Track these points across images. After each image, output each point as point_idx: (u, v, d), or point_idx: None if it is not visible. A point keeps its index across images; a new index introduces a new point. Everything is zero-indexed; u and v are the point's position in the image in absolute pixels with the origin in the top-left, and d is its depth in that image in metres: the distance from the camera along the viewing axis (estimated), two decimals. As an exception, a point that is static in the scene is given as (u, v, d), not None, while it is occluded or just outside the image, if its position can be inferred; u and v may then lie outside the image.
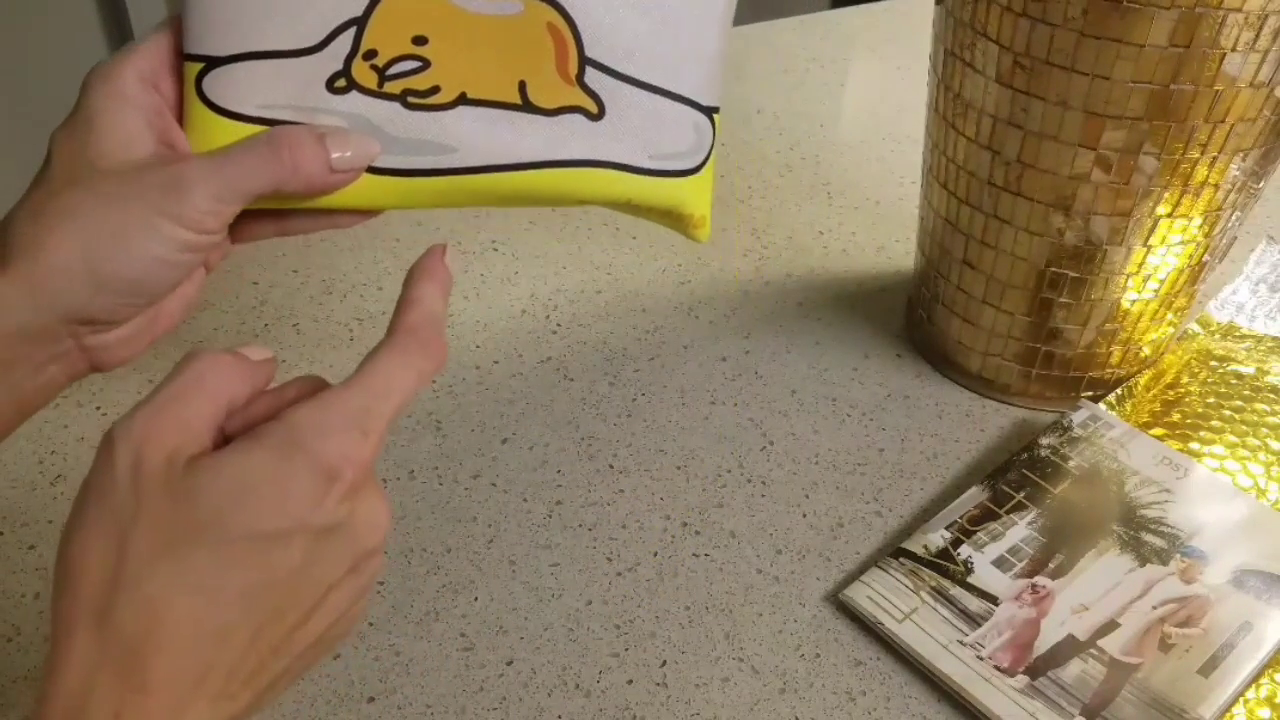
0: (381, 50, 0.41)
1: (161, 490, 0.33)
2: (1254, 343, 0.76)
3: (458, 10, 0.41)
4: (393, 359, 0.37)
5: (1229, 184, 0.60)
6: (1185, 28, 0.54)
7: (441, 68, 0.42)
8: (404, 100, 0.42)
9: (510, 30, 0.42)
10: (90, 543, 0.33)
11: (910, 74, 1.12)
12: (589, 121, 0.43)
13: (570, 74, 0.43)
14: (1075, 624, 0.56)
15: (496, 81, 0.42)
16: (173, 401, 0.35)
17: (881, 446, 0.68)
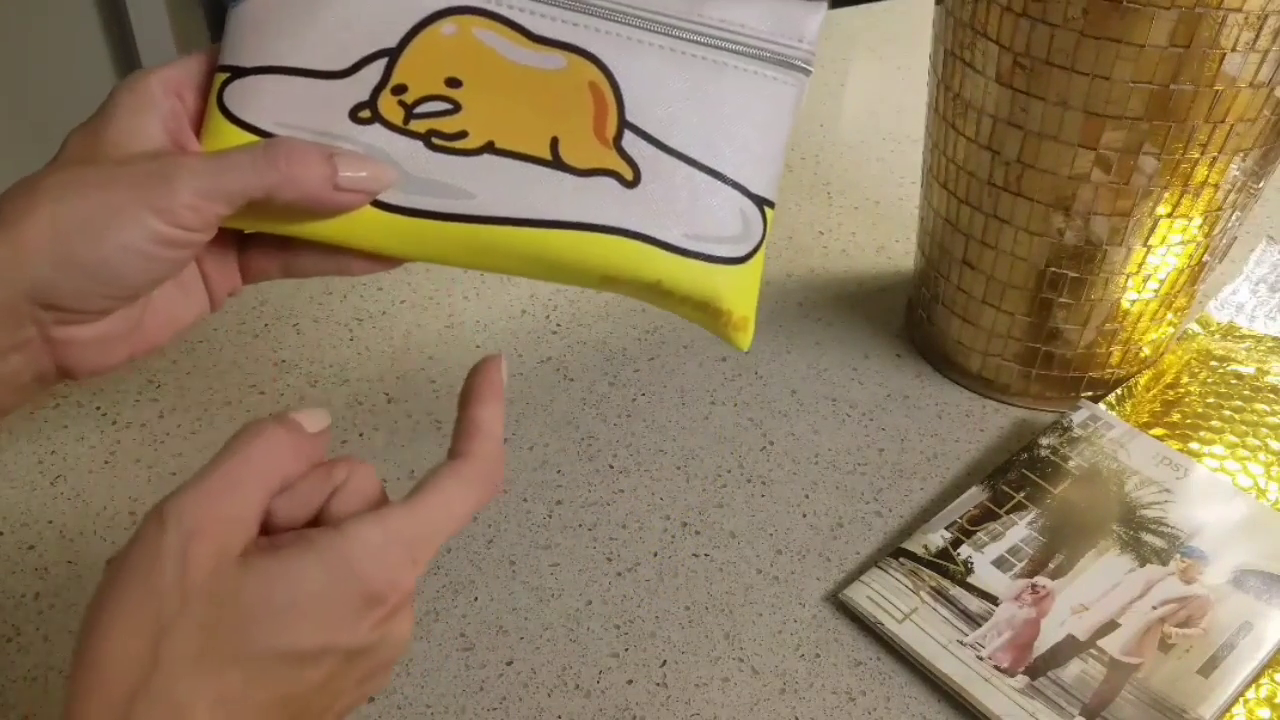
0: (412, 87, 0.40)
1: (206, 591, 0.32)
2: (1254, 343, 0.76)
3: (498, 57, 0.40)
4: (454, 487, 0.37)
5: (1229, 184, 0.60)
6: (1185, 28, 0.54)
7: (472, 113, 0.40)
8: (428, 140, 0.40)
9: (550, 85, 0.40)
10: (125, 632, 0.32)
11: (910, 74, 1.12)
12: (622, 187, 0.40)
13: (607, 136, 0.41)
14: (1075, 624, 0.56)
15: (528, 134, 0.40)
16: (228, 489, 0.34)
17: (881, 446, 0.68)
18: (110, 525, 0.61)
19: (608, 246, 0.40)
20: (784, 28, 0.43)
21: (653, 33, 0.42)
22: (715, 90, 0.42)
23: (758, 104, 0.42)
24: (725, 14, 0.42)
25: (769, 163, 0.43)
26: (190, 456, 0.66)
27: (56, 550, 0.60)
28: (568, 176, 0.40)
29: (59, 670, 0.54)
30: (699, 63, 0.42)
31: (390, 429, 0.68)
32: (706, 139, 0.42)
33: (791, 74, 0.43)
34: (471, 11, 0.40)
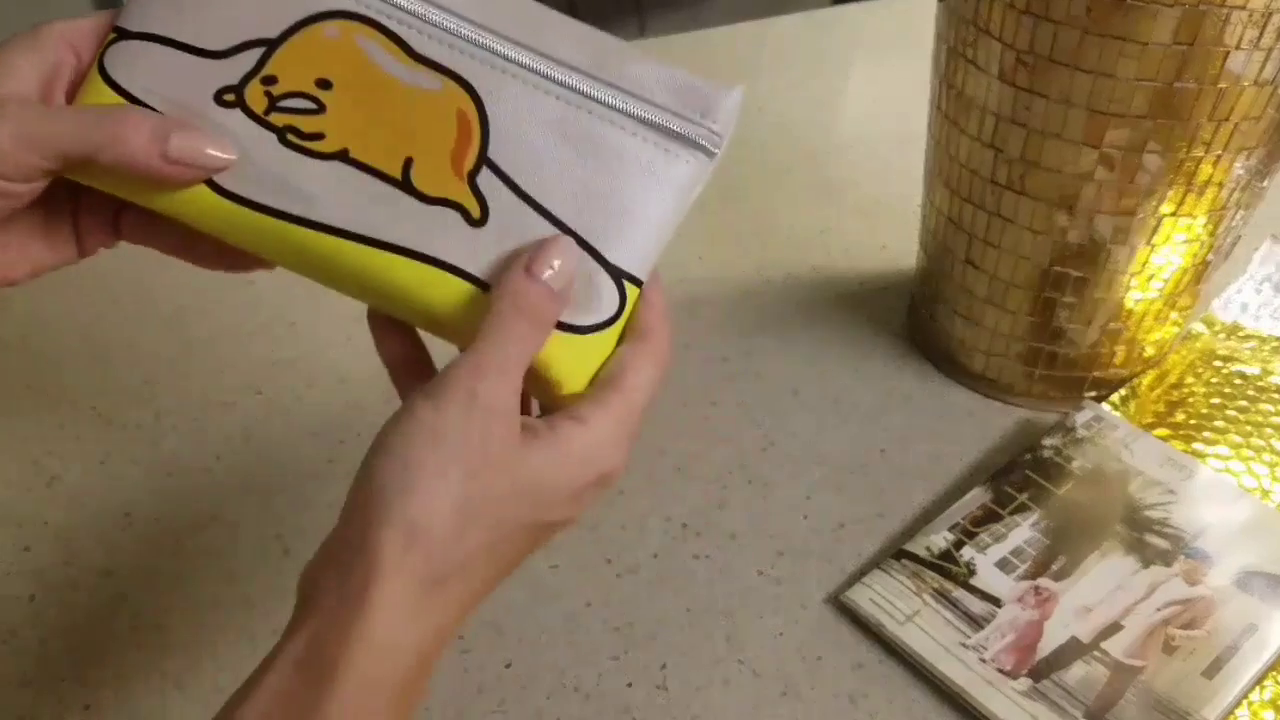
0: (282, 80, 0.39)
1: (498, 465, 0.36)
2: (1258, 343, 0.75)
3: (375, 67, 0.39)
4: (646, 367, 0.40)
5: (1233, 183, 0.60)
6: (1189, 25, 0.53)
7: (334, 118, 0.39)
8: (282, 134, 0.39)
9: (420, 105, 0.39)
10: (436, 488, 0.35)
11: (913, 72, 1.12)
12: (466, 224, 0.39)
13: (463, 168, 0.39)
14: (1078, 626, 0.56)
15: (384, 149, 0.39)
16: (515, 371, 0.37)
17: (883, 447, 0.68)
18: (106, 526, 0.61)
19: (439, 283, 0.39)
20: (688, 101, 0.40)
21: (540, 75, 0.40)
22: (593, 146, 0.40)
23: (640, 173, 0.40)
24: (628, 74, 0.40)
25: (642, 237, 0.40)
26: (186, 457, 0.65)
27: (52, 552, 0.60)
28: (412, 201, 0.39)
29: (54, 672, 0.54)
30: (582, 115, 0.40)
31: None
32: (570, 195, 0.39)
33: (690, 152, 0.40)
34: (359, 19, 0.40)
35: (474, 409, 0.36)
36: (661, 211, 0.40)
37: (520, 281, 0.38)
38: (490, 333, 0.37)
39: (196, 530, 0.61)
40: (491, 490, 0.36)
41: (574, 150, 0.40)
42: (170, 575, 0.59)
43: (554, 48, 0.40)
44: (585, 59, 0.40)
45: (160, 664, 0.55)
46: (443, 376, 0.36)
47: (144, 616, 0.57)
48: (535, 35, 0.40)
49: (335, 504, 0.62)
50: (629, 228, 0.40)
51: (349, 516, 0.36)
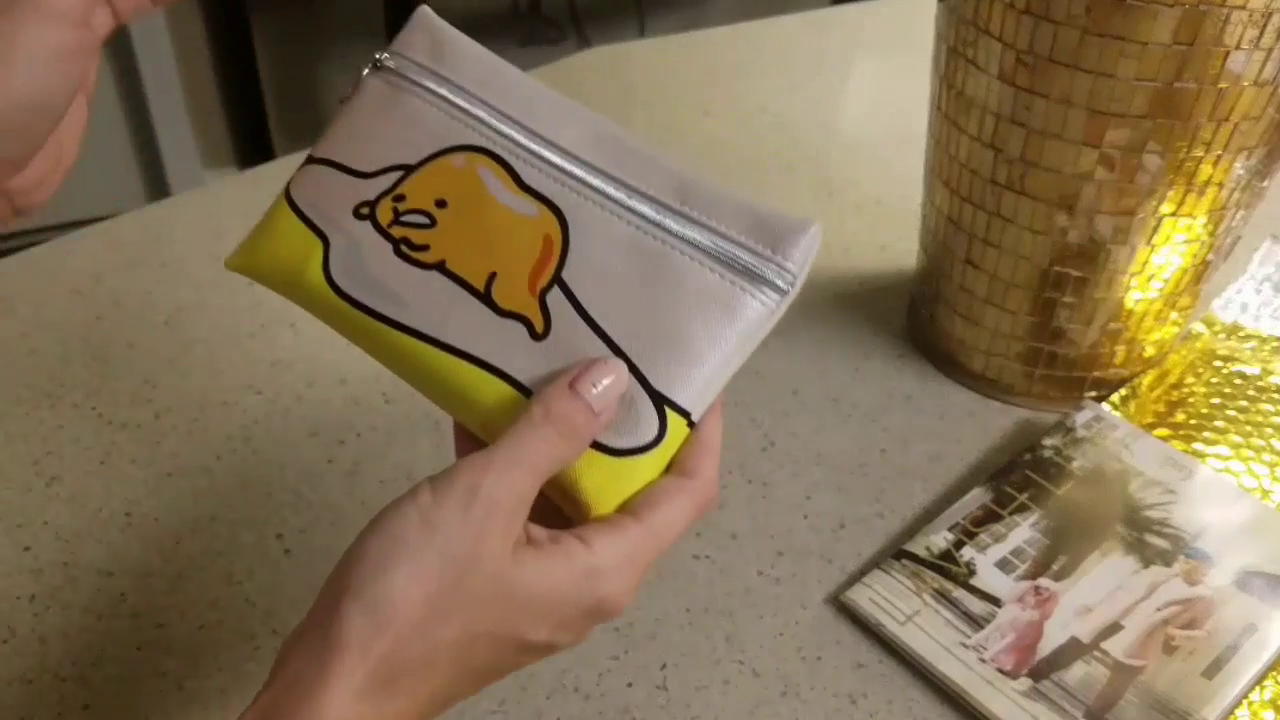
0: (409, 198, 0.44)
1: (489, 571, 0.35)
2: (1259, 343, 0.75)
3: (486, 192, 0.43)
4: (682, 505, 0.39)
5: (1233, 183, 0.60)
6: (1189, 25, 0.53)
7: (441, 232, 0.43)
8: (398, 245, 0.43)
9: (515, 228, 0.42)
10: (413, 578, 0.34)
11: (913, 71, 1.12)
12: (529, 337, 0.41)
13: (537, 285, 0.41)
14: (1078, 626, 0.56)
15: (475, 263, 0.42)
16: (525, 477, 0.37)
17: (883, 447, 0.68)
18: (106, 526, 0.61)
19: (493, 389, 0.40)
20: (764, 235, 0.40)
21: (621, 203, 0.42)
22: (662, 274, 0.41)
23: (705, 306, 0.40)
24: (707, 205, 0.41)
25: (696, 369, 0.40)
26: (186, 457, 0.65)
27: (52, 551, 0.60)
28: (489, 312, 0.41)
29: (54, 672, 0.54)
30: (655, 242, 0.41)
31: (388, 429, 0.67)
32: (630, 319, 0.40)
33: (760, 288, 0.40)
34: (483, 151, 0.44)
35: (473, 503, 0.35)
36: (723, 347, 0.40)
37: (558, 392, 0.38)
38: (512, 433, 0.37)
39: (196, 530, 0.61)
40: (470, 588, 0.35)
41: (642, 276, 0.41)
42: (170, 575, 0.59)
43: (642, 179, 0.42)
44: (669, 190, 0.42)
45: (160, 664, 0.55)
46: (452, 467, 0.36)
47: (144, 616, 0.57)
48: (627, 168, 0.42)
49: (335, 504, 0.63)
50: (682, 357, 0.40)
51: (328, 586, 0.36)
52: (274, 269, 0.45)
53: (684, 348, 0.40)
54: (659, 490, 0.39)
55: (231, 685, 0.54)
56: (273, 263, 0.45)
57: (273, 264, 0.45)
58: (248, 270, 0.46)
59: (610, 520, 0.38)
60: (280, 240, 0.45)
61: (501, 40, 2.61)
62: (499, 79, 0.45)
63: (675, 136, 0.97)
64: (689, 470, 0.40)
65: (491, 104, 0.45)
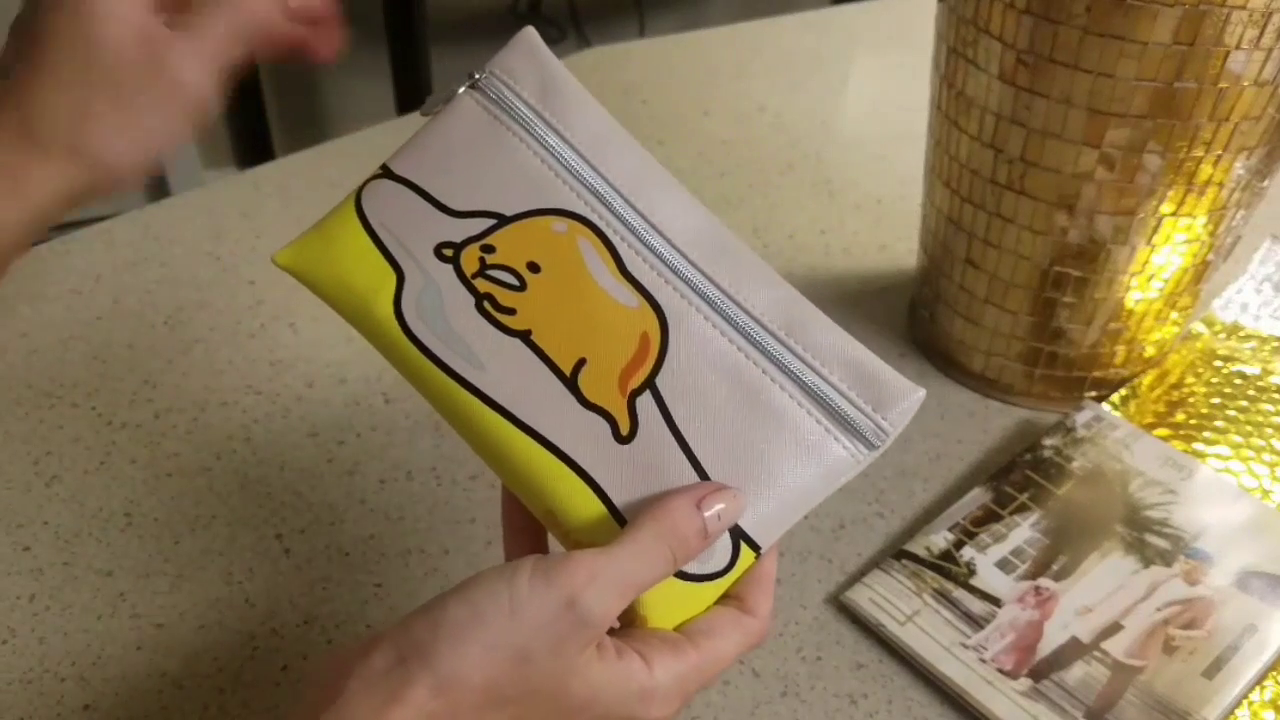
0: (499, 251, 0.42)
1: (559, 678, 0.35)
2: (1259, 343, 0.75)
3: (584, 269, 0.41)
4: (736, 639, 0.39)
5: (1233, 182, 0.60)
6: (1189, 25, 0.53)
7: (532, 299, 0.41)
8: (480, 301, 0.41)
9: (612, 315, 0.41)
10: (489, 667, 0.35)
11: (913, 71, 1.12)
12: (612, 438, 0.40)
13: (629, 385, 0.40)
14: (1079, 626, 0.55)
15: (564, 343, 0.40)
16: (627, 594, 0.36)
17: (883, 447, 0.68)
18: (106, 526, 0.61)
19: (565, 480, 0.39)
20: (867, 388, 0.40)
21: (728, 320, 0.41)
22: (757, 403, 0.40)
23: (794, 444, 0.40)
24: (815, 343, 0.40)
25: (775, 506, 0.40)
26: (186, 457, 0.65)
27: (51, 552, 0.60)
28: (572, 400, 0.40)
29: (53, 672, 0.54)
30: (756, 370, 0.40)
31: (388, 429, 0.67)
32: (719, 444, 0.40)
33: (851, 439, 0.40)
34: (588, 224, 0.42)
35: (569, 611, 0.35)
36: (803, 488, 0.40)
37: (684, 511, 0.37)
38: (628, 547, 0.37)
39: (196, 530, 0.61)
40: (533, 684, 0.35)
41: (737, 401, 0.40)
42: (170, 575, 0.59)
43: (751, 297, 0.41)
44: (778, 316, 0.41)
45: (160, 664, 0.55)
46: (562, 564, 0.36)
47: (143, 616, 0.57)
48: (738, 281, 0.41)
49: (335, 504, 0.63)
50: (764, 492, 0.39)
51: (404, 634, 0.36)
52: (333, 284, 0.42)
53: (768, 485, 0.39)
54: (719, 621, 0.39)
55: (231, 685, 0.54)
56: (332, 277, 0.42)
57: (332, 278, 0.42)
58: (300, 274, 0.43)
59: (672, 643, 0.38)
60: (344, 255, 0.42)
61: (501, 40, 2.61)
62: (610, 142, 0.43)
63: (675, 136, 0.97)
64: (748, 606, 0.40)
65: (601, 171, 0.42)
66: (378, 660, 0.35)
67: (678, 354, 0.40)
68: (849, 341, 0.41)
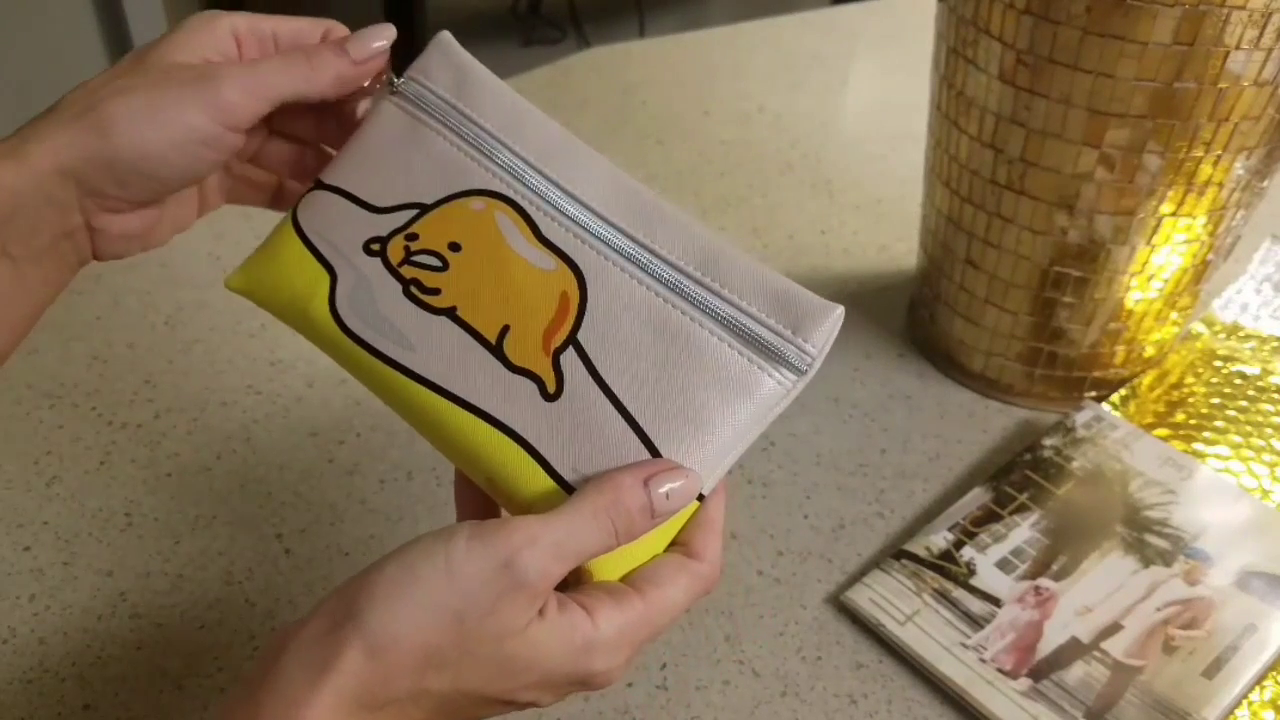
0: (421, 238, 0.43)
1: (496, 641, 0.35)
2: (1259, 343, 0.75)
3: (503, 241, 0.43)
4: (685, 584, 0.39)
5: (1233, 183, 0.60)
6: (1189, 25, 0.53)
7: (454, 277, 0.42)
8: (407, 286, 0.42)
9: (530, 281, 0.42)
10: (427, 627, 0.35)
11: (912, 71, 1.12)
12: (540, 397, 0.40)
13: (551, 344, 0.41)
14: (1078, 626, 0.56)
15: (487, 314, 0.42)
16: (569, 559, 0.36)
17: (883, 447, 0.68)
18: (106, 526, 0.61)
19: (500, 445, 0.40)
20: (786, 313, 0.40)
21: (642, 267, 0.41)
22: (679, 345, 0.40)
23: (721, 382, 0.40)
24: (731, 277, 0.41)
25: (708, 446, 0.40)
26: (186, 457, 0.65)
27: (52, 551, 0.60)
28: (499, 365, 0.41)
29: (54, 672, 0.54)
30: (675, 312, 0.41)
31: (388, 429, 0.67)
32: (645, 389, 0.40)
33: (776, 367, 0.40)
34: (504, 199, 0.43)
35: (503, 575, 0.35)
36: (735, 424, 0.40)
37: (630, 486, 0.37)
38: (568, 515, 0.36)
39: (196, 530, 0.61)
40: (470, 648, 0.35)
41: (662, 347, 0.40)
42: (170, 575, 0.59)
43: (666, 244, 0.42)
44: (693, 257, 0.41)
45: (160, 664, 0.55)
46: (499, 527, 0.36)
47: (144, 616, 0.57)
48: (652, 231, 0.42)
49: (335, 504, 0.63)
50: (695, 433, 0.39)
51: (339, 599, 0.36)
52: (277, 297, 0.44)
53: (697, 423, 0.39)
54: (665, 568, 0.39)
55: (231, 685, 0.54)
56: (276, 290, 0.44)
57: (275, 291, 0.44)
58: (249, 294, 0.45)
59: (615, 594, 0.38)
60: (285, 267, 0.44)
61: (501, 40, 2.61)
62: (522, 122, 0.45)
63: (675, 136, 0.97)
64: (695, 551, 0.40)
65: (514, 149, 0.44)
66: (312, 628, 0.35)
67: (597, 307, 0.41)
68: (765, 271, 0.41)
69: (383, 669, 0.34)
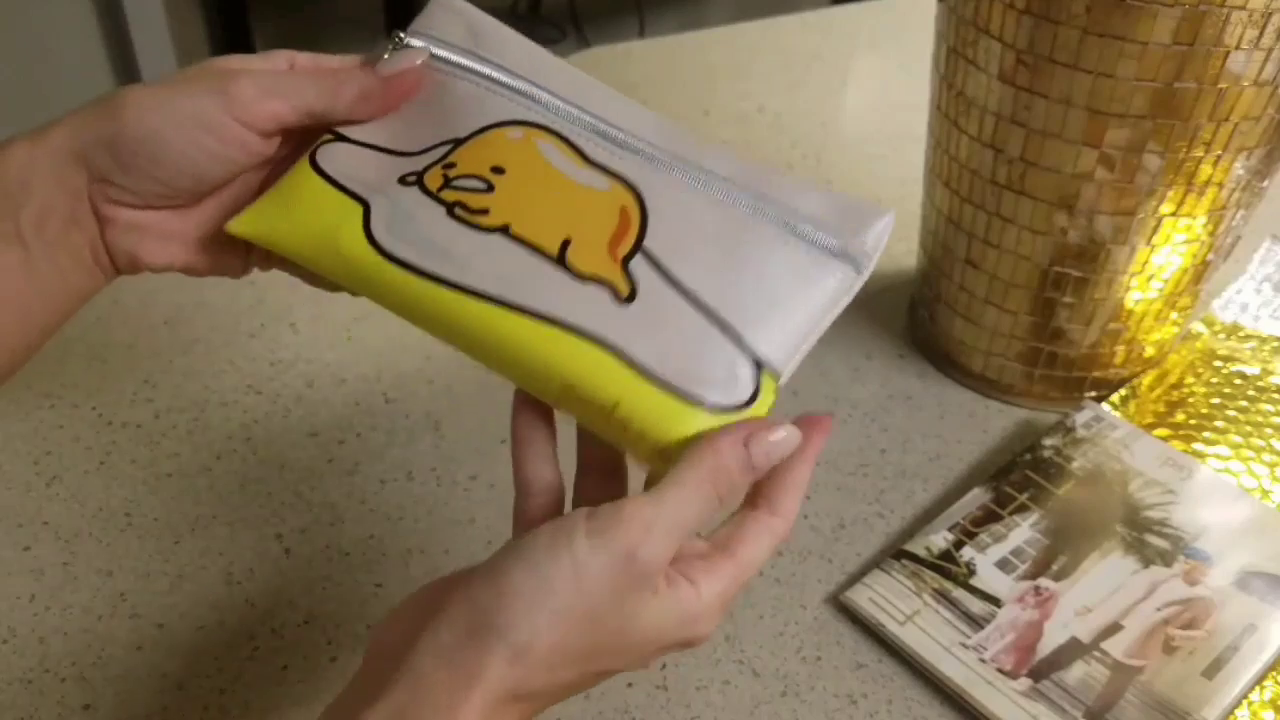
0: (459, 165, 0.42)
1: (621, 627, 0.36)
2: (1258, 343, 0.75)
3: (548, 164, 0.42)
4: (764, 543, 0.39)
5: (1233, 183, 0.60)
6: (1189, 25, 0.53)
7: (502, 196, 0.41)
8: (451, 209, 0.41)
9: (585, 198, 0.41)
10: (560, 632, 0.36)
11: (912, 72, 1.12)
12: (614, 302, 0.39)
13: (619, 253, 0.40)
14: (1078, 626, 0.56)
15: (544, 228, 0.40)
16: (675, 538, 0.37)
17: (883, 447, 0.68)
18: (106, 526, 0.61)
19: (576, 350, 0.39)
20: (843, 218, 0.41)
21: (704, 185, 0.41)
22: (747, 243, 0.40)
23: (791, 273, 0.40)
24: (785, 188, 0.41)
25: (787, 331, 0.40)
26: (186, 457, 0.65)
27: (52, 551, 0.60)
28: (564, 275, 0.40)
29: (54, 673, 0.54)
30: (739, 213, 0.41)
31: (388, 429, 0.67)
32: (719, 282, 0.40)
33: (840, 265, 0.41)
34: (541, 127, 0.43)
35: (630, 566, 0.35)
36: (808, 314, 0.40)
37: (730, 450, 0.37)
38: (675, 492, 0.37)
39: (196, 530, 0.61)
40: (600, 639, 0.36)
41: (725, 245, 0.40)
42: (170, 575, 0.59)
43: (714, 163, 0.42)
44: (741, 172, 0.42)
45: (161, 664, 0.55)
46: (615, 519, 0.36)
47: (144, 616, 0.57)
48: (698, 153, 0.42)
49: (335, 504, 0.63)
50: (774, 317, 0.40)
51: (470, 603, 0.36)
52: (297, 234, 0.42)
53: (776, 308, 0.40)
54: (751, 526, 0.39)
55: (231, 685, 0.54)
56: (295, 227, 0.42)
57: (295, 228, 0.42)
58: (259, 235, 0.43)
59: (710, 559, 0.38)
60: (305, 204, 0.42)
61: (501, 40, 2.60)
62: (545, 63, 0.44)
63: (675, 137, 0.97)
64: (778, 509, 0.40)
65: (544, 86, 0.43)
66: (446, 634, 0.36)
67: (659, 217, 0.41)
68: (811, 183, 0.42)
69: (523, 671, 0.35)
